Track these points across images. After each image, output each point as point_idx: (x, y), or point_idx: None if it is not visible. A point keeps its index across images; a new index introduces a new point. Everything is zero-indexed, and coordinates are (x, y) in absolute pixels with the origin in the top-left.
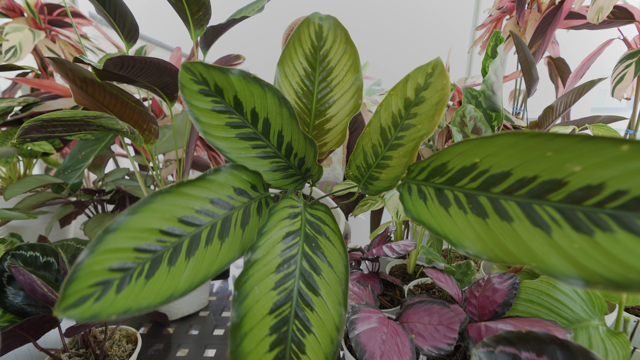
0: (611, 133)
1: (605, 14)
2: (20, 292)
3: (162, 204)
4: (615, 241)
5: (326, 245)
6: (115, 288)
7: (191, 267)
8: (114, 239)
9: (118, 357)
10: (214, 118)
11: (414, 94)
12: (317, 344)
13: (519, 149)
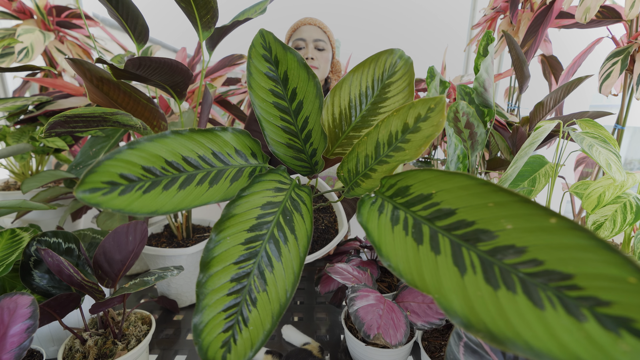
0: (597, 128)
1: (592, 14)
2: (46, 275)
3: (174, 142)
4: (513, 302)
5: (298, 221)
6: (119, 191)
7: (179, 196)
8: (130, 154)
9: (135, 336)
10: (263, 80)
11: (412, 122)
12: (268, 302)
13: (469, 192)
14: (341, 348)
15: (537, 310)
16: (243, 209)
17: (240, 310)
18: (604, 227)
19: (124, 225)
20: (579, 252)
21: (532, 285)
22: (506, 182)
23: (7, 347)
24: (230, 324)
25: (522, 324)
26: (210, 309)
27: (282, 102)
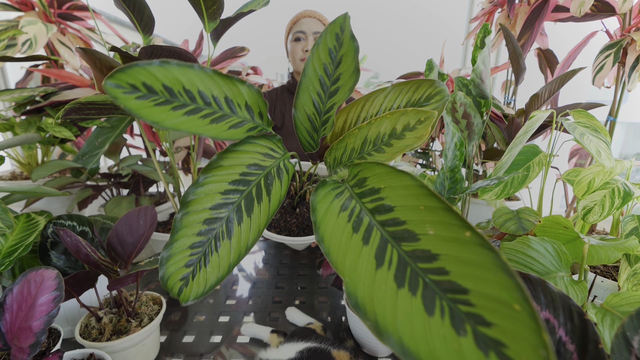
0: (589, 118)
1: (586, 7)
2: (62, 256)
3: (197, 75)
4: (409, 302)
5: (277, 186)
6: (137, 95)
7: (181, 120)
8: (158, 70)
9: (147, 315)
10: (324, 54)
11: (401, 129)
12: (229, 250)
13: (409, 192)
14: (343, 327)
15: (425, 315)
16: (231, 162)
17: (204, 251)
18: (593, 212)
19: (135, 209)
20: (481, 270)
21: (432, 292)
22: (501, 169)
23: (37, 315)
24: (192, 261)
25: (406, 323)
26: (179, 243)
27: (326, 80)
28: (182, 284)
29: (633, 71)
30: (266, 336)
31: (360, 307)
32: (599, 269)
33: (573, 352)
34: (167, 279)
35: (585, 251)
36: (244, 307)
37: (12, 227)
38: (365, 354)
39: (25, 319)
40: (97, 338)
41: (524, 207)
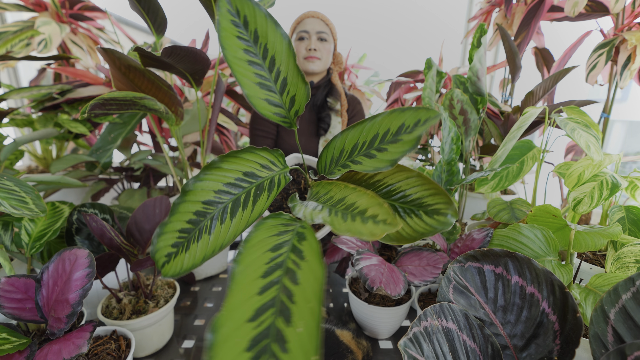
0: (581, 114)
1: (580, 7)
2: (86, 241)
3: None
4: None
5: (264, 196)
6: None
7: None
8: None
9: (163, 297)
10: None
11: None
12: (208, 243)
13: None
14: (345, 312)
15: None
16: (230, 166)
17: (188, 238)
18: (583, 203)
19: (151, 199)
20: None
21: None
22: (496, 163)
23: (73, 289)
24: (177, 243)
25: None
26: (172, 225)
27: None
28: (165, 260)
29: (625, 69)
30: None
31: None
32: (588, 256)
33: (555, 322)
34: (155, 252)
35: (572, 237)
36: None
37: (45, 212)
38: (366, 335)
39: (62, 292)
40: (118, 317)
41: (517, 199)
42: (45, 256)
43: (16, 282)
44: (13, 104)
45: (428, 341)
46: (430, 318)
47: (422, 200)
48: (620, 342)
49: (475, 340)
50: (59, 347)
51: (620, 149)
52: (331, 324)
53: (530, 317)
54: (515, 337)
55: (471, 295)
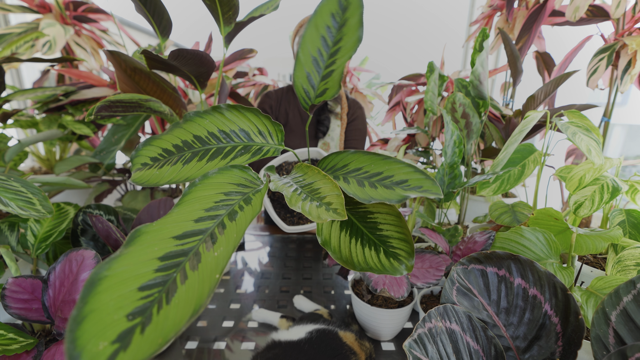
0: (582, 118)
1: (581, 12)
2: (91, 242)
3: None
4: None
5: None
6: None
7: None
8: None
9: None
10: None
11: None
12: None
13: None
14: (347, 314)
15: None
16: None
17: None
18: (583, 206)
19: (156, 200)
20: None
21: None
22: (498, 166)
23: (80, 289)
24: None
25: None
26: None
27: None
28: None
29: (625, 74)
30: (276, 321)
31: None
32: (589, 259)
33: (557, 324)
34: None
35: (573, 240)
36: (254, 296)
37: (52, 213)
38: (368, 337)
39: (69, 293)
40: None
41: (519, 202)
42: (51, 257)
43: (23, 283)
44: (17, 106)
45: (432, 342)
46: (435, 319)
47: (388, 239)
48: (622, 344)
49: (478, 342)
50: None
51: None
52: (334, 326)
53: (532, 319)
54: (518, 338)
55: (474, 297)
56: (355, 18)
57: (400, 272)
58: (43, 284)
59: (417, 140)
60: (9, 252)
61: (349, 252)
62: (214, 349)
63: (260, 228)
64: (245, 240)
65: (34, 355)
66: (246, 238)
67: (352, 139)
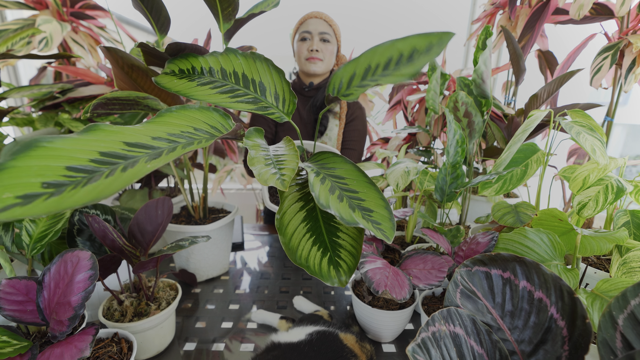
0: (586, 118)
1: (585, 10)
2: (87, 242)
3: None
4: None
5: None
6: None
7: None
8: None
9: (165, 299)
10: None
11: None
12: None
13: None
14: (348, 315)
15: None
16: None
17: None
18: (587, 207)
19: (154, 200)
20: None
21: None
22: (500, 166)
23: (75, 291)
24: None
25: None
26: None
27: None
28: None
29: (629, 73)
30: (275, 322)
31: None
32: (592, 261)
33: (563, 328)
34: None
35: (578, 241)
36: (253, 297)
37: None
38: (369, 339)
39: (64, 295)
40: (119, 319)
41: (522, 202)
42: (46, 257)
43: (17, 284)
44: (13, 103)
45: (436, 346)
46: (438, 323)
47: (340, 248)
48: (629, 349)
49: (482, 346)
50: (61, 350)
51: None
52: (335, 327)
53: (538, 322)
54: (523, 342)
55: (478, 300)
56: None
57: (332, 283)
58: (38, 285)
59: (418, 139)
60: (3, 252)
61: (298, 243)
62: (212, 350)
63: (260, 228)
64: (245, 239)
65: (28, 358)
66: (245, 237)
67: (350, 139)
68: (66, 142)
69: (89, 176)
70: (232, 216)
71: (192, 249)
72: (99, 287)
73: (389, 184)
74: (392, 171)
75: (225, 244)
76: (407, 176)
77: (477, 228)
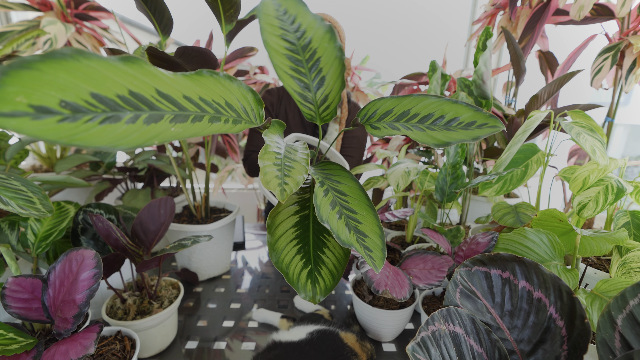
0: (586, 118)
1: (585, 11)
2: (91, 241)
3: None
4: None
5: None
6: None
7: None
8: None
9: (167, 298)
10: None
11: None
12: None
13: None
14: (348, 314)
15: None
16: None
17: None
18: (587, 207)
19: (156, 200)
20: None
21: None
22: (500, 167)
23: (80, 289)
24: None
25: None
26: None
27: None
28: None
29: (630, 73)
30: (276, 321)
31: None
32: (592, 261)
33: (562, 327)
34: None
35: (578, 242)
36: (254, 296)
37: (52, 212)
38: (369, 338)
39: (69, 293)
40: (122, 318)
41: (522, 202)
42: (51, 256)
43: (23, 282)
44: None
45: (435, 346)
46: (438, 322)
47: (323, 264)
48: (628, 349)
49: (482, 345)
50: (66, 347)
51: (622, 153)
52: (335, 327)
53: (537, 322)
54: (522, 342)
55: (478, 299)
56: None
57: (306, 297)
58: (43, 283)
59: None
60: (9, 251)
61: (284, 247)
62: (214, 348)
63: (261, 227)
64: (246, 239)
65: (33, 355)
66: (246, 237)
67: (349, 146)
68: (102, 64)
69: (110, 113)
70: (234, 216)
71: (194, 249)
72: (103, 285)
73: (390, 184)
74: (393, 171)
75: (227, 244)
76: (408, 176)
77: (477, 228)
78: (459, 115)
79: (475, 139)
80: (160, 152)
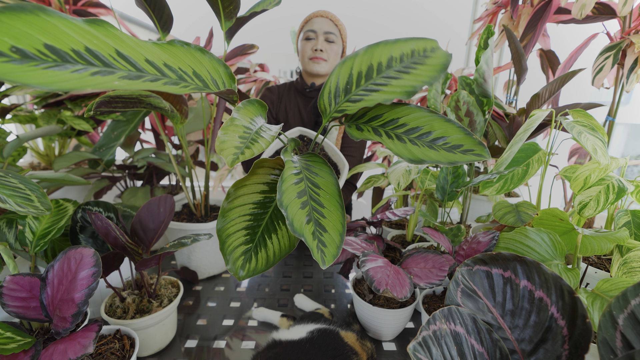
0: (587, 117)
1: (587, 10)
2: (90, 240)
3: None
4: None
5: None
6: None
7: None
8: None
9: (166, 296)
10: None
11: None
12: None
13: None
14: (348, 313)
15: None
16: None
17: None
18: (588, 206)
19: (156, 198)
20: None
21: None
22: (502, 165)
23: (78, 288)
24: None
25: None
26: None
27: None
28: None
29: (631, 73)
30: (276, 320)
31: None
32: (593, 260)
33: (563, 327)
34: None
35: (579, 241)
36: (254, 294)
37: (51, 210)
38: (370, 337)
39: (67, 292)
40: (121, 316)
41: (523, 201)
42: (49, 254)
43: (21, 281)
44: (15, 101)
45: (437, 345)
46: (439, 322)
47: (266, 241)
48: (629, 348)
49: (483, 345)
50: (65, 346)
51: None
52: (335, 325)
53: (538, 321)
54: (524, 341)
55: (479, 299)
56: None
57: (231, 269)
58: (41, 282)
59: None
60: (6, 249)
61: (235, 217)
62: (213, 347)
63: None
64: None
65: (31, 354)
66: None
67: (349, 145)
68: (62, 22)
69: (59, 63)
70: None
71: (193, 247)
72: (101, 284)
73: (390, 183)
74: (394, 170)
75: None
76: (409, 175)
77: (478, 227)
78: (448, 135)
79: (452, 164)
80: (159, 150)
